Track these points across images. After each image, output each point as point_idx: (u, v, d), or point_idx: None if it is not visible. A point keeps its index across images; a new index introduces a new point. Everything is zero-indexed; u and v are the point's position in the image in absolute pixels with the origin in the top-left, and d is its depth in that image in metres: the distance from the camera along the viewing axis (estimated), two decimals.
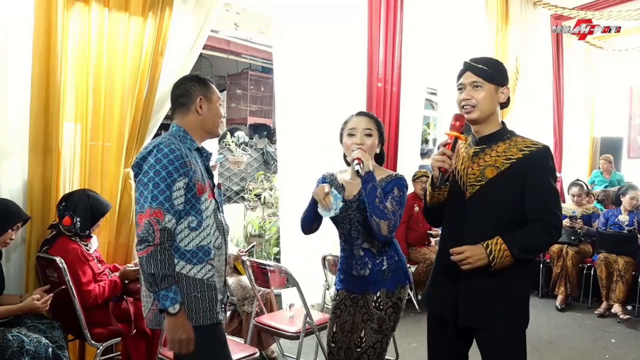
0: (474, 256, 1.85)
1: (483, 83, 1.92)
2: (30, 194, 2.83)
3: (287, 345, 3.57)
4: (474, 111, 1.93)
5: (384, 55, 4.96)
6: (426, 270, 5.00)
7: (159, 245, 1.80)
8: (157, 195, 1.81)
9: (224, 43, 6.24)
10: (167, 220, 1.82)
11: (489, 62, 1.97)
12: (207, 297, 1.93)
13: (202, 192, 1.94)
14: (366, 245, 2.25)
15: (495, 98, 1.95)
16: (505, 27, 6.82)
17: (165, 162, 1.84)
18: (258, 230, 5.93)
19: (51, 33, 2.76)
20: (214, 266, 1.96)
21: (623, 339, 4.32)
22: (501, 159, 1.92)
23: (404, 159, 5.42)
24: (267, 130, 8.18)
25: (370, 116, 2.29)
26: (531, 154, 1.90)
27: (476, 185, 1.95)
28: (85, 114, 2.98)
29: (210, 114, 2.03)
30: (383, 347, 2.23)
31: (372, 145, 2.22)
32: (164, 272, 1.79)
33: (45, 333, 2.56)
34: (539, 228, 1.87)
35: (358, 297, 2.29)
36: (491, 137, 1.98)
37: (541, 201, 1.87)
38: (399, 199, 2.17)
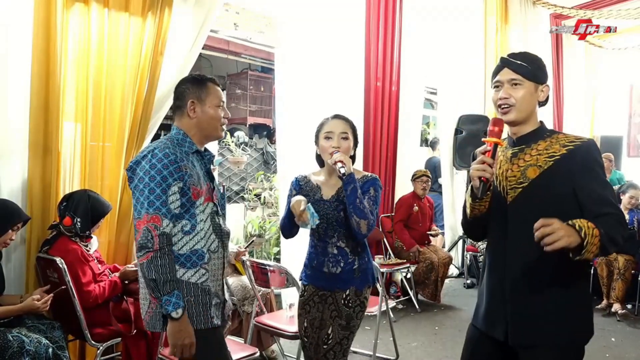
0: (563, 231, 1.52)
1: (522, 81, 1.77)
2: (31, 194, 2.83)
3: (287, 345, 3.57)
4: (512, 111, 1.78)
5: (382, 55, 4.96)
6: (426, 269, 5.00)
7: (158, 250, 1.80)
8: (153, 201, 1.82)
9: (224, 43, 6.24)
10: (165, 225, 1.83)
11: (528, 58, 1.81)
12: (200, 302, 1.92)
13: (198, 196, 1.93)
14: (341, 243, 2.32)
15: (535, 97, 1.79)
16: (505, 26, 6.82)
17: (159, 166, 1.84)
18: (258, 230, 5.93)
19: (51, 33, 2.76)
20: (208, 270, 1.95)
21: (623, 337, 4.32)
22: (543, 157, 1.76)
23: (403, 158, 5.42)
24: (266, 130, 8.18)
25: (345, 120, 2.35)
26: (576, 149, 1.73)
27: (518, 188, 1.79)
28: (85, 114, 2.98)
29: (205, 117, 1.99)
30: (349, 343, 2.32)
31: (348, 148, 2.29)
32: (165, 277, 1.80)
33: (45, 333, 2.56)
34: (614, 219, 1.65)
35: (327, 294, 2.36)
36: (530, 136, 1.82)
37: (601, 194, 1.69)
38: (375, 199, 2.28)
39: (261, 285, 3.40)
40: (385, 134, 5.12)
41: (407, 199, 5.16)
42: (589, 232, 1.55)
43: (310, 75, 4.44)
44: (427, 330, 4.46)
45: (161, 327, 1.92)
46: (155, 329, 1.94)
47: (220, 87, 2.08)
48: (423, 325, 4.58)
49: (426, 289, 5.10)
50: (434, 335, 4.33)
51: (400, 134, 5.30)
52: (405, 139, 5.44)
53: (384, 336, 3.85)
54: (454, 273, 6.31)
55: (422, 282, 5.09)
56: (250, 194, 6.50)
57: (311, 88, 4.44)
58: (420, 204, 5.18)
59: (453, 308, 5.10)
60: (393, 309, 4.60)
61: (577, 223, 1.57)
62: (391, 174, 5.30)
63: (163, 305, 1.80)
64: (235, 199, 6.65)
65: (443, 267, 5.06)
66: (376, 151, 5.04)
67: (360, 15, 4.82)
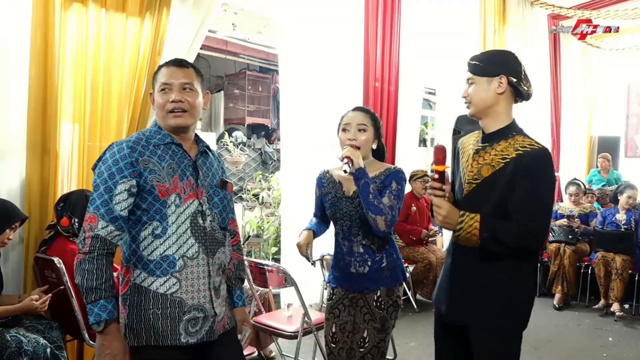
0: (446, 217, 1.82)
1: (474, 78, 1.93)
2: (28, 194, 2.83)
3: (286, 345, 3.57)
4: (470, 107, 1.97)
5: (381, 55, 4.97)
6: (424, 269, 5.01)
7: (87, 253, 1.63)
8: (95, 199, 1.66)
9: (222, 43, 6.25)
10: (101, 227, 1.64)
11: (485, 55, 1.98)
12: (168, 315, 1.70)
13: (167, 194, 1.71)
14: (366, 241, 2.23)
15: (490, 89, 1.89)
16: (503, 26, 6.83)
17: (110, 162, 1.67)
18: (256, 230, 5.93)
19: (49, 33, 2.76)
20: (180, 279, 1.72)
21: (621, 337, 4.33)
22: (497, 158, 1.87)
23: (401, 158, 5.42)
24: (265, 130, 8.18)
25: (365, 111, 2.28)
26: (524, 155, 1.82)
27: (473, 183, 1.92)
28: (83, 114, 2.98)
29: (155, 107, 1.79)
30: (386, 345, 2.25)
31: (367, 141, 2.21)
32: (90, 284, 1.61)
33: (43, 333, 2.56)
34: (517, 228, 1.78)
35: (357, 296, 2.26)
36: (495, 134, 1.93)
37: (524, 204, 1.78)
38: (397, 193, 2.16)
39: (259, 285, 3.41)
40: (383, 134, 5.09)
41: (405, 199, 5.15)
42: (467, 223, 1.80)
43: (310, 75, 4.44)
44: (425, 330, 4.46)
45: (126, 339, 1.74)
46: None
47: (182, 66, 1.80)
48: (421, 325, 4.58)
49: (424, 289, 5.10)
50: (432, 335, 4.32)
51: (398, 134, 5.31)
52: (403, 139, 5.45)
53: None
54: None
55: (420, 282, 5.09)
56: (249, 194, 6.50)
57: (311, 88, 4.44)
58: (418, 204, 5.18)
59: None
60: None
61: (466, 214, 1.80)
62: None
63: (88, 313, 1.62)
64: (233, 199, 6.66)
65: (441, 266, 5.05)
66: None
67: (359, 16, 4.82)
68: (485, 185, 1.88)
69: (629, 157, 9.44)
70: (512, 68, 1.90)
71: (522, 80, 1.89)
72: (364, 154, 2.19)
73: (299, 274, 3.47)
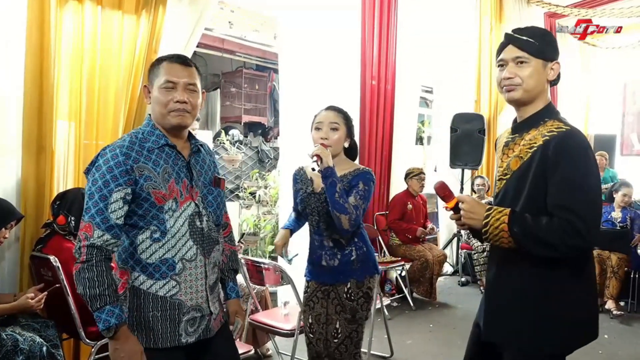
0: (469, 211, 1.59)
1: (529, 58, 1.63)
2: (24, 192, 2.82)
3: (282, 343, 3.58)
4: (518, 89, 1.65)
5: (377, 53, 4.97)
6: (420, 267, 5.02)
7: (84, 262, 1.60)
8: (90, 208, 1.62)
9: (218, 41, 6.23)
10: (97, 236, 1.61)
11: (535, 33, 1.66)
12: (168, 317, 1.71)
13: (164, 200, 1.69)
14: (335, 236, 2.30)
15: (544, 75, 1.65)
16: (500, 24, 6.84)
17: (104, 169, 1.63)
18: (253, 228, 5.93)
19: (44, 31, 2.75)
20: (180, 282, 1.72)
21: (616, 335, 4.35)
22: (525, 148, 1.64)
23: (398, 156, 5.43)
24: (261, 129, 8.17)
25: (338, 110, 2.34)
26: (550, 140, 1.57)
27: (502, 179, 1.72)
28: (79, 113, 2.97)
29: (153, 102, 1.75)
30: (359, 336, 2.33)
31: (338, 139, 2.27)
32: (92, 291, 1.58)
33: (39, 332, 2.55)
34: (558, 223, 1.50)
35: (329, 288, 2.35)
36: (525, 123, 1.70)
37: (559, 196, 1.53)
38: (363, 193, 2.21)
39: (256, 283, 3.40)
40: (380, 133, 5.13)
41: (401, 197, 5.17)
42: (494, 217, 1.55)
43: (307, 73, 4.45)
44: (421, 327, 4.47)
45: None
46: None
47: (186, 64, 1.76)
48: (417, 322, 4.60)
49: (421, 287, 5.11)
50: (429, 333, 4.35)
51: (395, 132, 5.31)
52: (400, 138, 5.45)
53: (378, 334, 3.87)
54: (448, 271, 6.34)
55: (417, 279, 5.10)
56: (245, 192, 6.50)
57: (308, 86, 4.44)
58: (413, 202, 5.19)
59: (447, 306, 5.12)
60: (388, 307, 4.62)
61: (493, 209, 1.57)
62: (386, 172, 5.30)
63: (96, 321, 1.61)
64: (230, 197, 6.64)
65: (438, 264, 5.08)
66: (371, 149, 5.05)
67: (356, 14, 4.83)
68: (514, 180, 1.67)
69: (625, 155, 9.47)
70: (558, 52, 1.70)
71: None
72: (335, 152, 2.25)
73: (295, 272, 3.48)
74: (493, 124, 6.82)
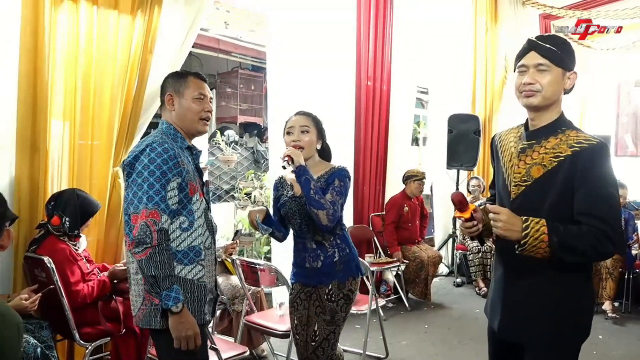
0: (507, 222, 1.59)
1: (550, 66, 1.67)
2: (18, 192, 2.81)
3: (277, 344, 3.57)
4: (537, 96, 1.68)
5: (373, 54, 4.97)
6: (416, 268, 5.02)
7: (157, 246, 1.79)
8: (152, 196, 1.81)
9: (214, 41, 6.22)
10: (164, 220, 1.82)
11: (557, 42, 1.71)
12: (196, 298, 1.94)
13: (194, 192, 1.94)
14: (318, 237, 2.36)
15: (562, 84, 1.71)
16: (495, 25, 6.86)
17: (159, 161, 1.83)
18: (248, 229, 5.92)
19: (39, 30, 2.74)
20: (204, 266, 1.97)
21: (610, 335, 4.36)
22: (549, 157, 1.68)
23: (393, 157, 5.43)
24: (257, 129, 8.17)
25: (307, 114, 2.42)
26: (581, 152, 1.63)
27: (522, 185, 1.74)
28: (74, 112, 2.96)
29: (182, 110, 1.99)
30: (336, 337, 2.36)
31: (310, 142, 2.35)
32: (165, 272, 1.79)
33: (33, 333, 2.54)
34: (589, 231, 1.58)
35: (311, 290, 2.40)
36: (542, 130, 1.74)
37: (591, 205, 1.60)
38: (339, 189, 2.28)
39: (251, 284, 3.40)
40: (376, 133, 5.13)
41: (397, 199, 5.17)
42: (534, 228, 1.58)
43: (302, 74, 4.43)
44: (417, 328, 4.48)
45: (159, 323, 1.89)
46: (150, 326, 1.92)
47: (206, 81, 2.07)
48: (413, 323, 4.60)
49: (416, 288, 5.12)
50: (424, 334, 4.35)
51: (391, 133, 5.31)
52: (396, 139, 5.45)
53: (374, 334, 3.87)
54: (443, 272, 6.34)
55: (413, 280, 5.11)
56: (241, 192, 6.49)
57: (302, 87, 4.43)
58: (410, 204, 5.19)
59: (443, 306, 5.12)
60: (383, 308, 4.62)
61: (530, 219, 1.59)
62: (382, 173, 5.31)
63: (163, 300, 1.80)
64: (225, 197, 6.64)
65: (433, 265, 5.08)
66: (367, 150, 5.05)
67: (352, 14, 4.83)
68: (537, 186, 1.70)
69: (619, 156, 9.51)
70: (575, 63, 1.74)
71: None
72: (308, 154, 2.35)
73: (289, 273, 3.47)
74: (488, 124, 6.83)
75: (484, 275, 5.56)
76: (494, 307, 1.88)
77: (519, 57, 1.75)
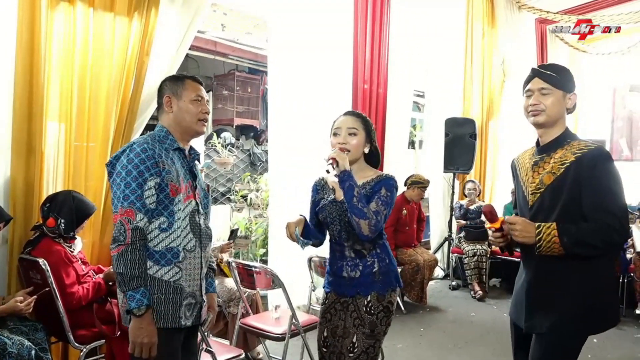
0: (522, 230, 1.87)
1: (552, 89, 1.97)
2: (13, 194, 2.79)
3: (273, 347, 3.57)
4: (542, 115, 1.98)
5: (370, 57, 4.98)
6: (412, 271, 5.03)
7: (130, 245, 1.82)
8: (128, 195, 1.84)
9: (211, 44, 6.22)
10: (139, 219, 1.85)
11: (557, 69, 2.02)
12: (170, 300, 1.93)
13: (176, 193, 1.95)
14: (357, 246, 2.22)
15: (563, 104, 2.00)
16: (491, 30, 6.89)
17: (136, 161, 1.87)
18: (244, 231, 5.92)
19: (35, 32, 2.73)
20: (182, 269, 1.96)
21: (605, 338, 4.35)
22: (557, 165, 1.94)
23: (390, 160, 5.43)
24: (253, 131, 8.16)
25: (357, 115, 2.27)
26: (583, 155, 1.90)
27: (537, 193, 1.99)
28: (70, 114, 2.95)
29: (181, 112, 2.03)
30: (376, 351, 2.20)
31: (357, 145, 2.19)
32: (133, 272, 1.81)
33: (28, 335, 2.53)
34: (597, 225, 1.83)
35: (348, 300, 2.25)
36: (552, 144, 2.01)
37: (595, 201, 1.84)
38: (386, 199, 2.13)
39: (247, 287, 3.40)
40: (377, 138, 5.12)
41: (396, 202, 5.15)
42: (545, 232, 1.84)
43: (299, 76, 4.44)
44: (412, 331, 4.48)
45: (128, 322, 1.89)
46: (126, 324, 1.92)
47: (202, 84, 2.10)
48: (409, 326, 4.60)
49: (412, 291, 5.12)
50: (420, 337, 4.36)
51: (387, 136, 5.32)
52: (393, 142, 5.46)
53: None
54: (439, 275, 6.35)
55: (408, 283, 5.11)
56: (237, 195, 6.48)
57: (300, 90, 4.44)
58: (408, 208, 5.20)
59: (438, 309, 5.13)
60: None
61: (542, 225, 1.86)
62: None
63: (127, 300, 1.81)
64: (221, 200, 6.63)
65: (429, 269, 5.09)
66: None
67: (349, 18, 4.84)
68: (549, 191, 1.95)
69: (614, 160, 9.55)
70: (575, 86, 2.03)
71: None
72: (354, 157, 2.19)
73: (286, 275, 3.47)
74: (485, 128, 6.86)
75: (480, 279, 5.57)
76: (518, 308, 2.07)
77: (525, 83, 2.04)
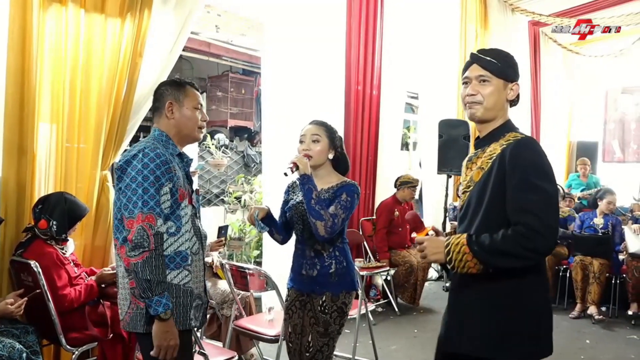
0: (430, 247, 1.64)
1: (491, 77, 1.72)
2: (5, 195, 2.78)
3: (267, 349, 3.56)
4: (479, 108, 1.73)
5: (363, 59, 4.99)
6: (406, 273, 5.03)
7: (154, 250, 1.81)
8: (147, 201, 1.83)
9: (205, 45, 6.21)
10: (159, 224, 1.85)
11: (499, 55, 1.76)
12: (181, 303, 1.94)
13: (183, 198, 1.96)
14: (317, 246, 2.35)
15: (504, 95, 1.74)
16: (484, 32, 6.92)
17: (152, 166, 1.85)
18: (238, 233, 5.90)
19: (26, 33, 2.72)
20: (190, 272, 1.97)
21: (598, 339, 4.39)
22: (486, 159, 1.72)
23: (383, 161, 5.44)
24: (247, 133, 8.15)
25: (320, 123, 2.41)
26: (506, 147, 1.66)
27: (467, 191, 1.78)
28: (61, 115, 2.94)
29: (182, 119, 2.02)
30: (330, 350, 2.34)
31: (320, 151, 2.33)
32: (159, 277, 1.81)
33: (19, 338, 2.51)
34: (515, 229, 1.54)
35: (305, 299, 2.40)
36: (486, 138, 1.78)
37: (516, 200, 1.57)
38: (345, 204, 2.26)
39: (240, 289, 3.39)
40: (365, 138, 5.14)
41: (388, 204, 5.17)
42: (453, 243, 1.59)
43: (292, 78, 4.44)
44: (406, 333, 4.48)
45: (143, 327, 1.90)
46: (136, 329, 1.92)
47: (199, 91, 2.11)
48: (402, 328, 4.60)
49: (405, 292, 5.12)
50: (414, 339, 4.36)
51: (381, 137, 5.32)
52: (386, 143, 5.47)
53: (363, 339, 3.86)
54: (433, 276, 6.36)
55: (402, 285, 5.11)
56: (231, 196, 6.47)
57: (293, 91, 4.44)
58: (400, 209, 5.20)
59: (432, 311, 5.13)
60: (373, 312, 4.62)
61: (450, 239, 1.61)
62: (372, 178, 5.31)
63: (153, 305, 1.80)
64: (215, 201, 6.61)
65: (422, 270, 5.09)
66: (357, 155, 5.06)
67: (342, 19, 4.84)
68: (476, 190, 1.73)
69: (606, 162, 9.62)
70: (518, 75, 1.79)
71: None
72: (317, 162, 2.34)
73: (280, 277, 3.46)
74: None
75: None
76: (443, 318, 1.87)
77: (463, 70, 1.80)
